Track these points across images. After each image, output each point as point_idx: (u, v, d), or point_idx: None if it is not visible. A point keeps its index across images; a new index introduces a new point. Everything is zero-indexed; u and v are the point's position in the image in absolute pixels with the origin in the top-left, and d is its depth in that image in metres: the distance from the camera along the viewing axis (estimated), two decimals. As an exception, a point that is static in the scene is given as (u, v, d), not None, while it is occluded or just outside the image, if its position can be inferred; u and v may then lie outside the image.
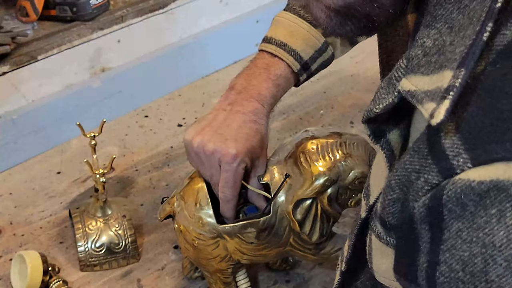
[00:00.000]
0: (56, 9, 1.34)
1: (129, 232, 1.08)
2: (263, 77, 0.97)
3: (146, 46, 1.46)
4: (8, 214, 1.18)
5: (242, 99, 0.94)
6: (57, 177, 1.26)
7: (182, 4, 1.48)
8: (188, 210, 0.93)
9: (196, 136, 0.91)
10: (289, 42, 0.99)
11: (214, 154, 0.90)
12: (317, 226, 0.92)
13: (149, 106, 1.46)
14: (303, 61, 0.99)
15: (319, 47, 1.00)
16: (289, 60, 0.98)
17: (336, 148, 0.92)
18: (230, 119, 0.92)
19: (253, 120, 0.93)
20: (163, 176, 1.27)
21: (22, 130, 1.28)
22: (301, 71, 0.99)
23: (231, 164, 0.89)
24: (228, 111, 0.93)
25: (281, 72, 0.98)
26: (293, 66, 0.99)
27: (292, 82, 1.00)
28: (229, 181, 0.90)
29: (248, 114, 0.93)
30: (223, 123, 0.92)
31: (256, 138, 0.92)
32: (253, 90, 0.95)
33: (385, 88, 0.57)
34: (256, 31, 1.62)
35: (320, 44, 1.00)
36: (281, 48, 0.99)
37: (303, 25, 1.00)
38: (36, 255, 1.02)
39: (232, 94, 0.96)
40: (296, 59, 0.99)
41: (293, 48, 0.99)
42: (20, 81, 1.27)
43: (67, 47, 1.31)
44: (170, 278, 1.06)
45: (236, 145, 0.90)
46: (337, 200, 0.92)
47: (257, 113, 0.93)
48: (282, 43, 0.99)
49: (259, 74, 0.97)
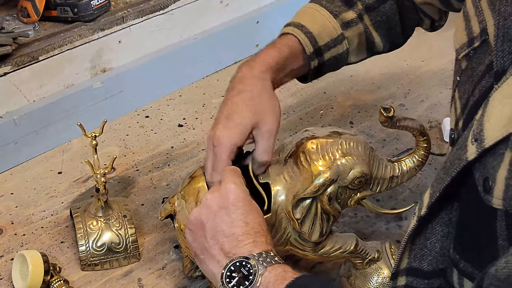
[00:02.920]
0: (57, 10, 1.34)
1: (130, 232, 1.08)
2: (266, 49, 0.99)
3: (147, 47, 1.46)
4: (9, 214, 1.18)
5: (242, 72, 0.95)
6: (58, 177, 1.27)
7: (183, 5, 1.49)
8: (189, 209, 0.93)
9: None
10: (307, 25, 1.00)
11: (208, 141, 0.93)
12: (317, 225, 0.92)
13: (150, 106, 1.47)
14: (317, 45, 1.00)
15: (335, 37, 1.01)
16: (304, 40, 0.99)
17: (336, 147, 0.92)
18: (228, 100, 0.93)
19: (240, 91, 0.92)
20: (164, 176, 1.27)
21: (23, 130, 1.28)
22: (313, 55, 1.00)
23: (216, 148, 0.91)
24: (229, 91, 0.94)
25: (290, 43, 0.99)
26: (306, 47, 0.99)
27: (301, 61, 1.00)
28: (219, 162, 0.91)
29: (235, 88, 0.93)
30: (222, 107, 0.94)
31: (243, 108, 0.91)
32: (254, 60, 0.96)
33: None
34: (256, 32, 1.64)
35: (336, 34, 1.01)
36: (298, 28, 1.01)
37: (323, 12, 1.02)
38: (37, 255, 1.02)
39: (237, 72, 0.96)
40: (310, 41, 0.99)
41: (310, 30, 1.00)
42: (21, 81, 1.27)
43: (68, 48, 1.32)
44: (171, 277, 1.07)
45: (224, 127, 0.91)
46: (336, 199, 0.92)
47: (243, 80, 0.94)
48: (300, 24, 1.01)
49: (266, 47, 0.99)
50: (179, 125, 1.41)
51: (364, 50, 1.08)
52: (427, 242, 0.80)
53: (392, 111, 0.90)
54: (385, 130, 1.34)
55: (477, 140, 0.70)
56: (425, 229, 0.80)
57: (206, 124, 1.41)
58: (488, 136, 0.69)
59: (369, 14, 1.06)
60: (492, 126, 0.69)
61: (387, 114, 0.90)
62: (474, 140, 0.71)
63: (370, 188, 0.95)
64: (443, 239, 0.79)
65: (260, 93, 0.92)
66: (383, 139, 1.36)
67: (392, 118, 0.90)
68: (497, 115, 0.69)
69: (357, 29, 1.05)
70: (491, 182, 0.68)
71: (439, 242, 0.80)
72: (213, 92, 1.51)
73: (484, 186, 0.70)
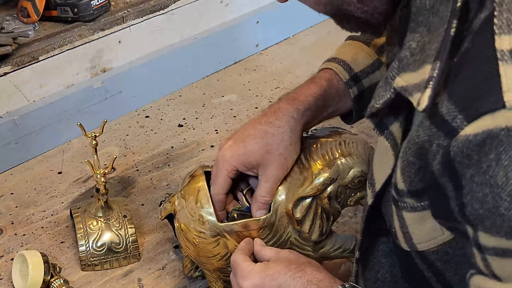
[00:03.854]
0: (57, 10, 1.34)
1: (130, 232, 1.08)
2: (306, 84, 0.96)
3: (147, 47, 1.46)
4: (10, 214, 1.18)
5: (281, 104, 0.93)
6: (58, 177, 1.27)
7: (183, 5, 1.49)
8: (189, 209, 0.93)
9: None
10: (339, 56, 0.98)
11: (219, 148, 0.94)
12: (316, 225, 0.92)
13: (150, 106, 1.47)
14: (353, 72, 0.97)
15: (371, 62, 0.98)
16: (337, 69, 0.97)
17: (336, 147, 0.92)
18: (253, 123, 0.93)
19: (268, 122, 0.91)
20: (164, 176, 1.27)
21: (23, 130, 1.28)
22: (350, 82, 0.96)
23: (219, 162, 0.92)
24: (261, 116, 0.93)
25: (327, 76, 0.96)
26: (341, 75, 0.96)
27: (341, 92, 0.96)
28: (216, 177, 0.93)
29: (267, 116, 0.92)
30: (246, 126, 0.93)
31: (259, 141, 0.90)
32: (290, 95, 0.94)
33: (382, 87, 0.68)
34: (256, 32, 1.64)
35: (372, 60, 0.98)
36: (331, 61, 0.98)
37: (355, 43, 1.00)
38: (37, 255, 1.02)
39: (277, 102, 0.94)
40: (344, 69, 0.97)
41: (343, 59, 0.98)
42: (22, 81, 1.27)
43: (68, 48, 1.32)
44: (171, 277, 1.07)
45: (234, 145, 0.91)
46: (336, 198, 0.92)
47: (277, 114, 0.91)
48: (333, 57, 0.99)
49: (306, 82, 0.97)
50: (179, 125, 1.41)
51: None
52: (378, 275, 0.83)
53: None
54: (385, 130, 1.33)
55: (371, 185, 0.76)
56: (372, 263, 0.83)
57: (206, 124, 1.41)
58: (377, 181, 0.75)
59: None
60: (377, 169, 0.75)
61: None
62: (369, 185, 0.77)
63: (370, 187, 0.95)
64: (391, 268, 0.82)
65: (283, 137, 0.90)
66: (383, 139, 1.36)
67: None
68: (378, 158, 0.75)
69: None
70: (394, 229, 0.74)
71: (389, 272, 0.82)
72: (213, 92, 1.51)
73: (391, 232, 0.75)
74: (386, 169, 0.72)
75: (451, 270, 0.72)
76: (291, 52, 1.64)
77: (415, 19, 0.66)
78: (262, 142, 0.90)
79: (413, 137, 0.64)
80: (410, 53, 0.65)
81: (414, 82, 0.63)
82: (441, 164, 0.60)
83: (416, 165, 0.64)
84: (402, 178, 0.67)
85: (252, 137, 0.90)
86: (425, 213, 0.69)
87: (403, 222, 0.71)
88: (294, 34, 1.72)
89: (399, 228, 0.73)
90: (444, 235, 0.69)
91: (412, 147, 0.64)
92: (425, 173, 0.64)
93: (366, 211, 0.79)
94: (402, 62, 0.65)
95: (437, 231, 0.69)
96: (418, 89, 0.62)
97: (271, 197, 0.91)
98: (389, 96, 0.66)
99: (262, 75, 1.58)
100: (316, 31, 1.72)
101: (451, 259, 0.71)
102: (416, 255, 0.74)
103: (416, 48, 0.64)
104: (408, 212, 0.70)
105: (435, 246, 0.71)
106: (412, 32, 0.66)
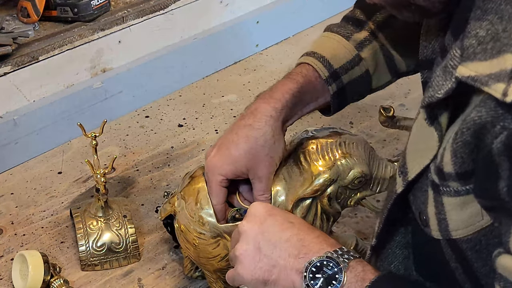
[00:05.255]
0: (57, 10, 1.34)
1: (129, 232, 1.08)
2: (282, 80, 0.96)
3: (147, 47, 1.46)
4: (10, 214, 1.18)
5: (257, 104, 0.93)
6: (58, 177, 1.27)
7: (183, 5, 1.49)
8: (189, 210, 0.94)
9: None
10: (318, 51, 0.98)
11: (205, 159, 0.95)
12: (317, 225, 0.92)
13: (150, 107, 1.47)
14: (332, 68, 0.96)
15: (351, 58, 0.98)
16: (317, 65, 0.96)
17: (336, 147, 0.92)
18: (234, 128, 0.93)
19: (248, 125, 0.91)
20: (164, 176, 1.27)
21: (23, 130, 1.28)
22: (329, 79, 0.96)
23: (207, 174, 0.93)
24: (240, 119, 0.93)
25: (304, 72, 0.96)
26: (320, 72, 0.96)
27: (319, 88, 0.96)
28: (211, 189, 0.93)
29: (246, 118, 0.92)
30: (227, 133, 0.94)
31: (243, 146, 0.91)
32: (266, 93, 0.94)
33: (441, 76, 0.66)
34: (256, 32, 1.64)
35: (351, 56, 0.98)
36: (310, 56, 0.98)
37: (335, 37, 1.00)
38: (37, 255, 1.02)
39: (254, 102, 0.94)
40: (324, 65, 0.96)
41: (322, 55, 0.97)
42: (22, 81, 1.27)
43: (68, 48, 1.32)
44: (171, 277, 1.07)
45: (218, 154, 0.92)
46: (336, 199, 0.92)
47: (256, 115, 0.92)
48: (312, 52, 0.98)
49: (283, 78, 0.97)
50: (179, 125, 1.41)
51: (386, 71, 1.02)
52: (391, 267, 0.82)
53: (392, 111, 0.90)
54: (385, 130, 1.33)
55: (402, 173, 0.75)
56: (386, 254, 0.82)
57: (206, 124, 1.41)
58: (410, 169, 0.74)
59: (382, 31, 1.01)
60: (412, 158, 0.74)
61: (387, 114, 0.90)
62: (400, 173, 0.75)
63: (370, 188, 0.95)
64: (405, 260, 0.81)
65: (265, 138, 0.91)
66: (383, 139, 1.36)
67: (392, 118, 0.91)
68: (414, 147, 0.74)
69: (373, 47, 1.00)
70: (425, 217, 0.73)
71: (402, 264, 0.81)
72: (213, 92, 1.51)
73: (421, 219, 0.74)
74: (425, 158, 0.71)
75: (481, 260, 0.70)
76: (291, 52, 1.64)
77: (483, 7, 0.64)
78: (246, 147, 0.91)
79: (473, 118, 0.63)
80: (477, 42, 0.63)
81: (488, 72, 0.61)
82: (503, 144, 0.60)
83: (472, 144, 0.64)
84: (453, 161, 0.66)
85: (236, 144, 0.91)
86: (467, 198, 0.68)
87: (441, 208, 0.70)
88: (294, 34, 1.71)
89: (435, 215, 0.71)
90: (484, 220, 0.68)
91: (471, 127, 0.63)
92: (479, 152, 0.63)
93: (393, 199, 0.77)
94: (467, 51, 0.63)
95: (477, 216, 0.68)
96: (498, 79, 0.60)
97: (269, 192, 0.93)
98: (450, 85, 0.65)
99: (262, 75, 1.58)
100: (316, 31, 1.72)
101: (483, 249, 0.70)
102: (446, 244, 0.72)
103: (485, 36, 0.62)
104: (450, 197, 0.69)
105: (471, 233, 0.70)
106: (478, 20, 0.64)
